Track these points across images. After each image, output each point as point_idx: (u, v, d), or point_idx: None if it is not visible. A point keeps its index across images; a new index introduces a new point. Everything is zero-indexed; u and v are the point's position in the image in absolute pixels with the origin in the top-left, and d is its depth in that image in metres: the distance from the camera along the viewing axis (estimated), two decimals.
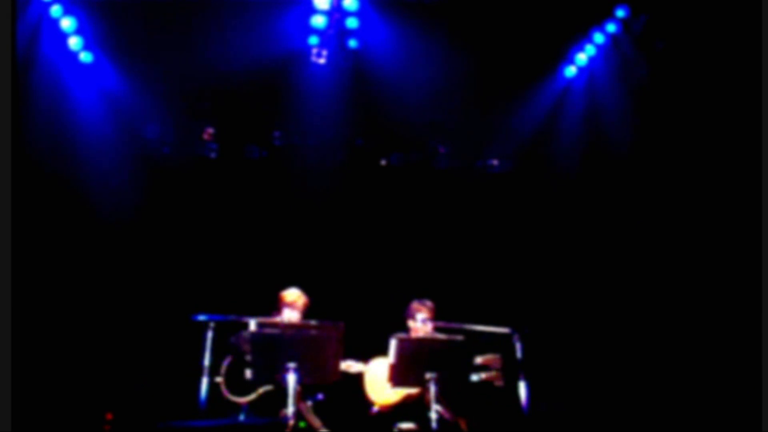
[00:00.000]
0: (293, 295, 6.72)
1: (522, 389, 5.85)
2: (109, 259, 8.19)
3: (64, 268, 7.89)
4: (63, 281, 7.85)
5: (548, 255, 9.03)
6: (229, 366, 6.30)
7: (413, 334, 6.54)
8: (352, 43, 8.43)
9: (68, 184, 8.08)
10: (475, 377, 6.07)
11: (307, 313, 6.72)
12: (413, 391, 6.05)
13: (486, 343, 6.13)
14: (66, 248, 7.97)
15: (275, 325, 5.86)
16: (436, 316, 6.57)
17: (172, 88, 8.42)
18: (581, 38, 8.64)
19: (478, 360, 6.17)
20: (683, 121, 8.35)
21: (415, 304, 6.68)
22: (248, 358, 5.58)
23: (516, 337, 5.96)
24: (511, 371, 6.09)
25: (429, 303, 6.66)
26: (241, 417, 6.22)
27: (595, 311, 8.60)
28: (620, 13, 8.31)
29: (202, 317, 5.83)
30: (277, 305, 6.70)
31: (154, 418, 6.84)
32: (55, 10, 7.83)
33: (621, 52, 8.56)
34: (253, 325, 6.07)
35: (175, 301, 7.82)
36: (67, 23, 7.89)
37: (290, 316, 6.63)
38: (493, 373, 6.17)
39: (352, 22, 8.25)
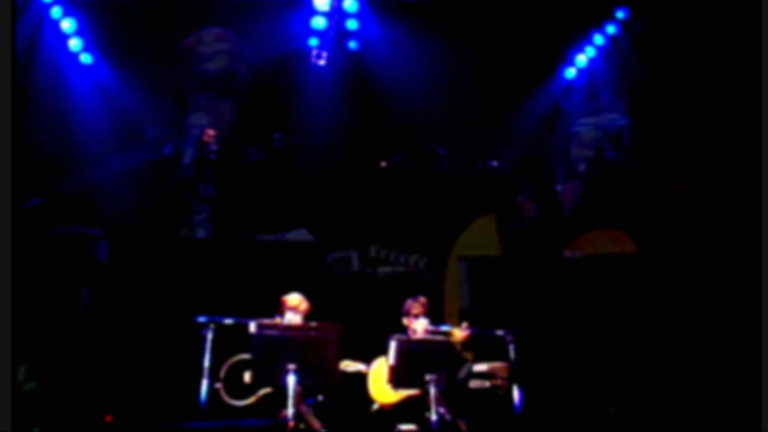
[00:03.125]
0: (295, 299, 6.72)
1: (516, 392, 5.85)
2: (110, 260, 8.19)
3: (64, 268, 7.89)
4: (64, 282, 7.85)
5: (547, 256, 9.03)
6: (229, 369, 6.29)
7: (410, 332, 6.55)
8: (352, 44, 8.44)
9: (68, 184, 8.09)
10: (478, 384, 6.05)
11: (309, 316, 6.75)
12: (414, 391, 6.05)
13: (484, 344, 6.14)
14: (66, 249, 7.97)
15: (275, 327, 5.85)
16: (437, 317, 6.57)
17: (172, 89, 8.43)
18: (581, 40, 8.66)
19: (484, 367, 6.15)
20: (683, 121, 8.35)
21: (408, 302, 6.70)
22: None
23: (510, 339, 5.96)
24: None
25: (422, 299, 6.67)
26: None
27: (593, 312, 8.59)
28: (620, 14, 8.33)
29: (202, 318, 5.84)
30: (279, 309, 6.70)
31: (155, 419, 6.84)
32: (56, 11, 7.84)
33: (620, 53, 8.57)
34: (253, 326, 6.06)
35: (175, 302, 7.82)
36: (67, 24, 7.91)
37: (292, 319, 6.63)
38: (497, 382, 6.16)
39: (352, 24, 8.27)
